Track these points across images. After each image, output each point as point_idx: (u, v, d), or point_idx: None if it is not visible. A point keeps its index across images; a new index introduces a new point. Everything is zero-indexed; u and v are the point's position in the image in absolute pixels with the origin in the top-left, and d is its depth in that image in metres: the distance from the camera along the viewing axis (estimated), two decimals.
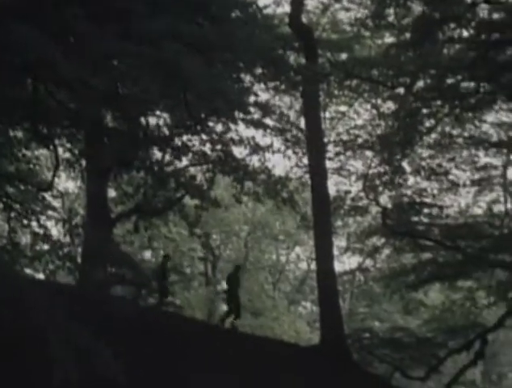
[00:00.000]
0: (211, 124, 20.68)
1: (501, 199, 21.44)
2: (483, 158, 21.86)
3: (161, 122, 20.52)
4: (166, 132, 20.61)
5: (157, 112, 20.06)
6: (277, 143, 22.04)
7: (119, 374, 9.55)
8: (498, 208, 22.14)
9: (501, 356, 31.02)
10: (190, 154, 21.18)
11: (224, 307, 35.47)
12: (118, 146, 18.62)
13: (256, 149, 21.54)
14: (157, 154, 20.87)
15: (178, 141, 20.64)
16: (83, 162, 20.57)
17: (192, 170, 22.22)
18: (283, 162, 23.34)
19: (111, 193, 23.27)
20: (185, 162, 21.42)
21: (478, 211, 23.42)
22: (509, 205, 21.06)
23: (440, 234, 21.67)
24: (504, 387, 31.61)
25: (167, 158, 21.00)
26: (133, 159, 19.64)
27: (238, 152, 21.56)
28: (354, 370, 20.36)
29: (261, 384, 15.19)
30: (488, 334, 22.95)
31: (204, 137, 21.09)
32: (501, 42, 17.17)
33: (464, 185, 22.33)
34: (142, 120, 19.03)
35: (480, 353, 22.28)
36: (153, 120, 20.18)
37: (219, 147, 21.25)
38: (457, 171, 22.04)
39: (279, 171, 23.03)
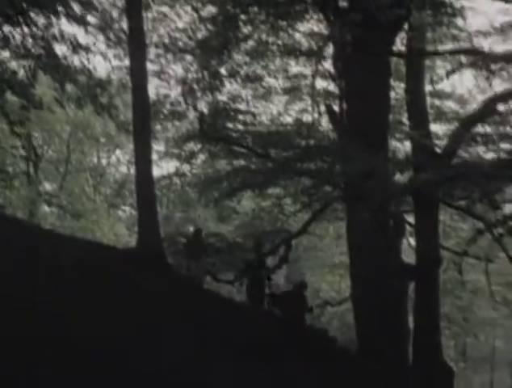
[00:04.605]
0: (33, 15, 19.52)
1: (310, 109, 21.52)
2: (294, 67, 21.97)
3: None
4: None
5: None
6: (99, 42, 21.10)
7: None
8: (306, 117, 22.28)
9: (303, 260, 31.92)
10: (12, 47, 19.96)
11: (46, 208, 34.60)
12: None
13: (77, 47, 20.51)
14: None
15: None
16: None
17: (14, 66, 20.96)
18: (104, 64, 22.42)
19: None
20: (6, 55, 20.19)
21: (288, 120, 23.49)
22: (316, 116, 21.18)
23: (253, 141, 21.60)
24: None
25: None
26: None
27: (59, 50, 20.50)
28: (169, 273, 20.24)
29: (76, 286, 14.64)
30: (293, 239, 23.38)
31: (26, 30, 19.87)
32: None
33: (276, 93, 22.38)
34: None
35: (285, 258, 22.69)
36: None
37: (41, 43, 20.12)
38: (270, 79, 22.04)
39: (100, 73, 22.13)
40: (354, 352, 18.90)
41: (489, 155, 18.13)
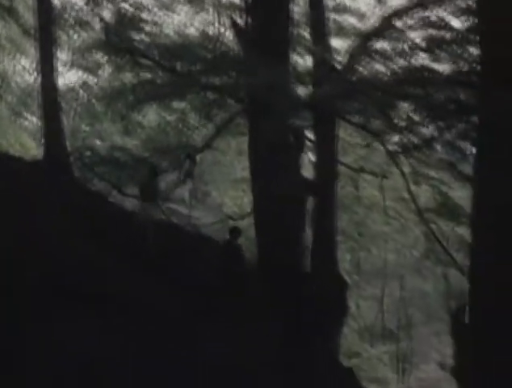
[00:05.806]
0: None
1: (215, 21, 21.18)
2: None
3: None
4: None
5: None
6: None
7: None
8: (212, 30, 21.91)
9: (207, 175, 31.79)
10: None
11: None
12: None
13: None
14: None
15: None
16: None
17: None
18: None
19: None
20: None
21: (193, 32, 23.01)
22: (222, 29, 20.90)
23: (158, 53, 21.17)
24: (207, 203, 32.77)
25: None
26: None
27: None
28: (75, 187, 20.01)
29: None
30: (197, 154, 23.26)
31: None
32: None
33: (180, 3, 21.86)
34: None
35: (189, 173, 22.56)
36: None
37: None
38: None
39: None
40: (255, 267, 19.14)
41: (386, 71, 18.16)
